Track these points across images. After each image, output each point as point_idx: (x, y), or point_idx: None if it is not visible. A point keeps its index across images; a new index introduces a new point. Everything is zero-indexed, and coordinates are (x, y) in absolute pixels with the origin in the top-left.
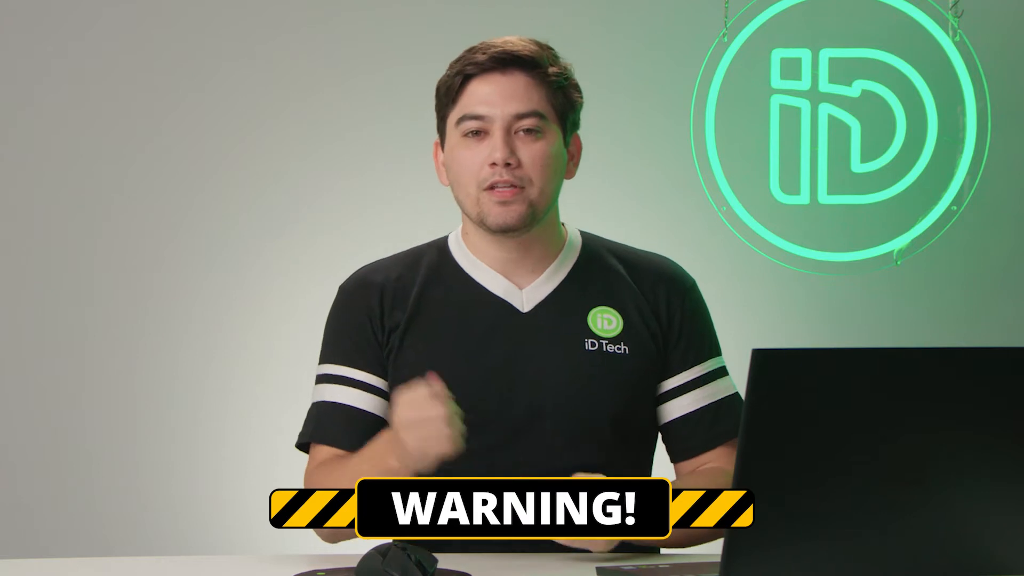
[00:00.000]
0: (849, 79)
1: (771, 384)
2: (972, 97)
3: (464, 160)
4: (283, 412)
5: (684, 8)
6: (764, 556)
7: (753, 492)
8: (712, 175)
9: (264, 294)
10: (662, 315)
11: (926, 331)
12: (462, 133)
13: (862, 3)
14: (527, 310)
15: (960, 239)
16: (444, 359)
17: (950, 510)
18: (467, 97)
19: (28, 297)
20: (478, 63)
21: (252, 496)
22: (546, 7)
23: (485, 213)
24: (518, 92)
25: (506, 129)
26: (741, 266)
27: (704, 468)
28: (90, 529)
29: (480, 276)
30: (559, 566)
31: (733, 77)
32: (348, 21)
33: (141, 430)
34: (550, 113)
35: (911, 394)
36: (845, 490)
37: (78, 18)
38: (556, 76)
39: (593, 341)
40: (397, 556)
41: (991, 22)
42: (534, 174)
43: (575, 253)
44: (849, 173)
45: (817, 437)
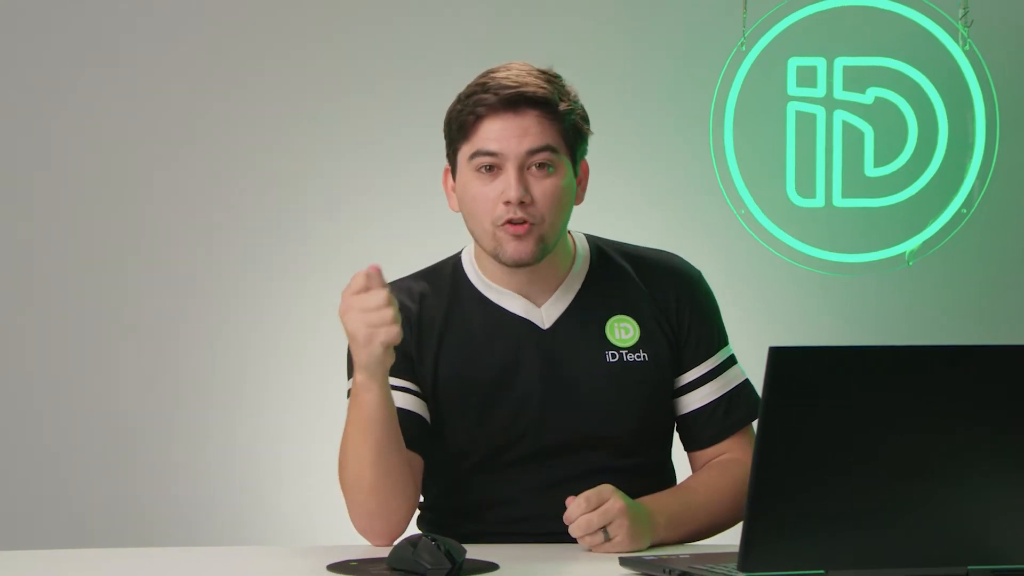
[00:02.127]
0: (863, 87)
1: (787, 381)
2: (981, 104)
3: (478, 196)
4: (317, 409)
5: (704, 19)
6: (780, 546)
7: (770, 484)
8: (731, 179)
9: (298, 294)
10: (672, 312)
11: (937, 330)
12: (475, 168)
13: (875, 13)
14: (547, 326)
15: (970, 240)
16: (474, 383)
17: (961, 502)
18: (480, 133)
19: (77, 291)
20: (489, 104)
21: (287, 489)
22: (571, 18)
23: (501, 249)
24: (530, 130)
25: (519, 167)
26: (759, 267)
27: (721, 459)
28: (131, 521)
29: (498, 299)
30: (583, 556)
31: (751, 85)
32: (366, 33)
33: (180, 427)
34: (561, 147)
35: (921, 390)
36: (859, 482)
37: (114, 20)
38: (566, 112)
39: (613, 353)
40: (427, 546)
41: (1000, 32)
42: (546, 211)
43: (585, 263)
44: (863, 177)
45: (832, 431)
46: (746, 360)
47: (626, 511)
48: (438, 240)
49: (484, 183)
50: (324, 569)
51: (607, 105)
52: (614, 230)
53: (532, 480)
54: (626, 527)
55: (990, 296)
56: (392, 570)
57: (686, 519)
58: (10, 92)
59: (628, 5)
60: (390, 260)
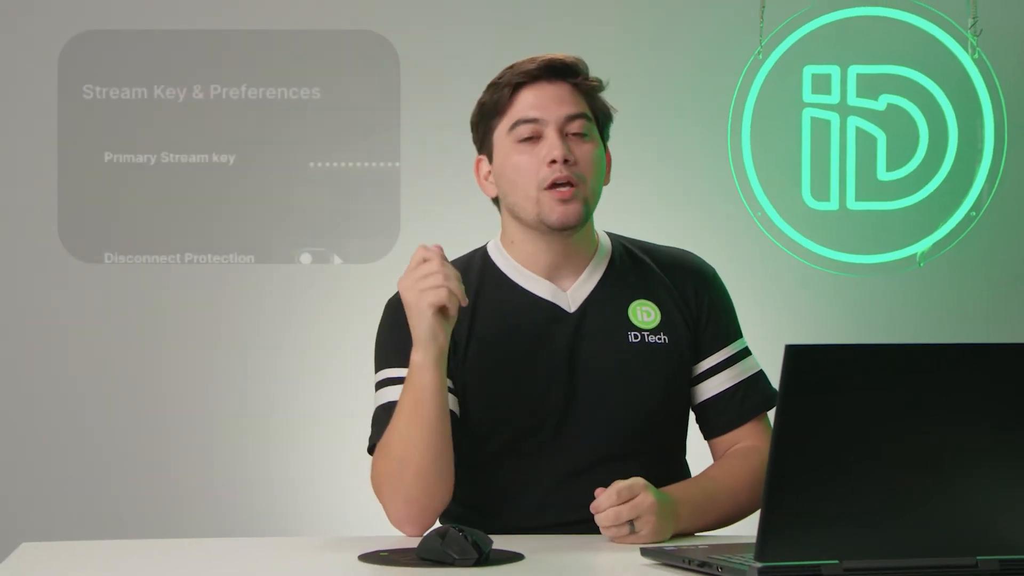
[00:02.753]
0: (875, 94)
1: (803, 377)
2: (990, 110)
3: (521, 164)
4: (349, 402)
5: (723, 28)
6: (795, 537)
7: (786, 477)
8: (748, 183)
9: (335, 293)
10: (691, 304)
11: (946, 328)
12: (516, 139)
13: (887, 23)
14: (573, 310)
15: (979, 242)
16: (503, 365)
17: (969, 495)
18: (518, 104)
19: (120, 292)
20: (527, 71)
21: (320, 481)
22: (594, 28)
23: (546, 213)
24: (566, 97)
25: (559, 130)
26: (775, 267)
27: (740, 448)
28: (169, 512)
29: (526, 283)
30: (606, 546)
31: (768, 92)
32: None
33: (217, 421)
34: (592, 118)
35: (932, 387)
36: (870, 475)
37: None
38: (595, 87)
39: (636, 333)
40: (455, 537)
41: (1008, 41)
42: (587, 172)
43: (608, 252)
44: (875, 181)
45: (844, 426)
46: (762, 357)
47: (655, 507)
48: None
49: (526, 151)
50: (356, 559)
51: (630, 110)
52: (635, 230)
53: (554, 465)
54: (652, 523)
55: (998, 296)
56: (421, 560)
57: (710, 508)
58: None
59: (651, 16)
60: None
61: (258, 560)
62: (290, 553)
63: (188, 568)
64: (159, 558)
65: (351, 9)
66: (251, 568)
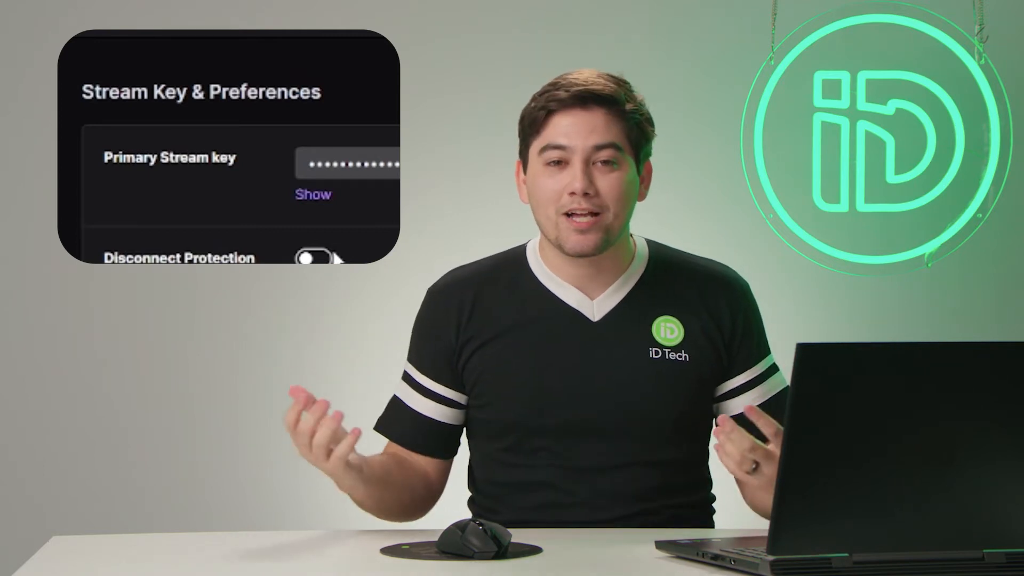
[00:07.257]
0: (884, 98)
1: (814, 375)
2: (996, 114)
3: (545, 187)
4: (372, 396)
5: (735, 34)
6: (807, 530)
7: (798, 472)
8: (760, 186)
9: (335, 293)
10: (725, 320)
11: (954, 327)
12: (544, 162)
13: (896, 30)
14: (597, 319)
15: (985, 243)
16: (520, 367)
17: (976, 489)
18: (550, 129)
19: (144, 287)
20: (560, 100)
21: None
22: (609, 35)
23: (563, 239)
24: (597, 126)
25: (585, 160)
26: (786, 268)
27: None
28: (195, 506)
29: (555, 288)
30: (622, 540)
31: (779, 97)
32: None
33: (243, 415)
34: (625, 145)
35: (939, 384)
36: (880, 470)
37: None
38: (632, 112)
39: (656, 349)
40: (474, 531)
41: (1013, 47)
42: (610, 201)
43: (643, 264)
44: (884, 183)
45: (854, 423)
46: (775, 355)
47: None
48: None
49: (552, 175)
50: (378, 552)
51: (655, 130)
52: (649, 232)
53: (562, 467)
54: (768, 476)
55: (1004, 295)
56: (442, 553)
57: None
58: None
59: (664, 23)
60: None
61: (283, 553)
62: (314, 547)
63: (214, 561)
64: (184, 552)
65: (351, 9)
66: (276, 561)
